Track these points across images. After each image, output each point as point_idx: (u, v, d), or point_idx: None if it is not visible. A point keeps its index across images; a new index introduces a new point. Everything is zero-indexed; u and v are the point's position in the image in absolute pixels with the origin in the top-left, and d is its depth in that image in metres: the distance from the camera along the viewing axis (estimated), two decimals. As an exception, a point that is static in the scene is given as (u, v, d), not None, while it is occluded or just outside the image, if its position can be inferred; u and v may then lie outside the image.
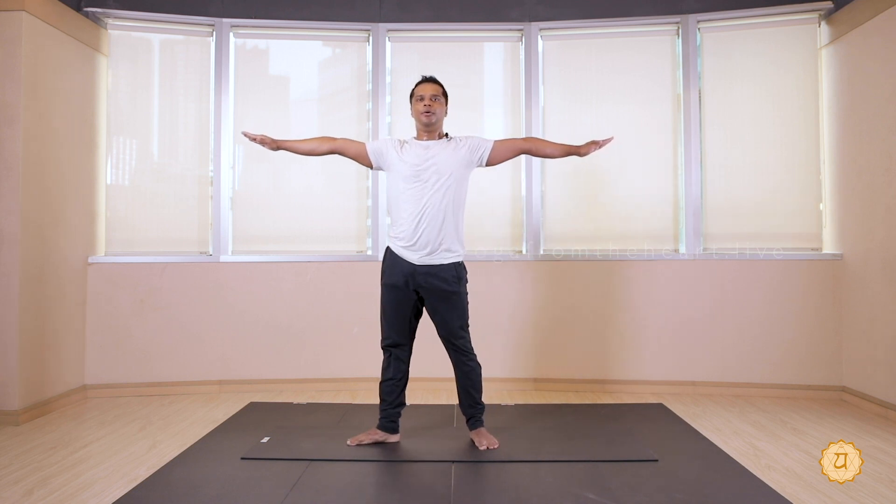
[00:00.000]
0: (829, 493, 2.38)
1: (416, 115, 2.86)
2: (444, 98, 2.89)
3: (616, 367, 4.11)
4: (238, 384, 4.11)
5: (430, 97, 2.82)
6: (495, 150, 2.87)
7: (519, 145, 2.93)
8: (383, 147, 2.88)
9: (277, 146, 2.91)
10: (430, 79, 2.90)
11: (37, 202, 3.50)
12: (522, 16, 4.28)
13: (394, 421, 2.91)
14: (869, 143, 3.61)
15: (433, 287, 2.78)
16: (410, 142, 2.88)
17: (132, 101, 4.18)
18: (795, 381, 3.93)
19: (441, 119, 2.87)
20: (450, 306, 2.81)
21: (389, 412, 2.90)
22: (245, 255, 4.20)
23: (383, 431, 2.91)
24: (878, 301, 3.54)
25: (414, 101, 2.88)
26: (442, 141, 2.86)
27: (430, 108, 2.81)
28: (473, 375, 2.88)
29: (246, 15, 4.25)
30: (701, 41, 4.18)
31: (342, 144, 2.92)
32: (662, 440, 2.97)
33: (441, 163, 2.78)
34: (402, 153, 2.83)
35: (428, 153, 2.80)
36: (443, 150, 2.81)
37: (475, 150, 2.85)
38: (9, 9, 3.36)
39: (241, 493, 2.35)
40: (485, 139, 2.89)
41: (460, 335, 2.85)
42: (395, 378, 2.88)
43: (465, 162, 2.83)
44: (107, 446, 2.97)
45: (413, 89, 2.90)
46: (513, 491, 2.37)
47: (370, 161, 2.90)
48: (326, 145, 2.93)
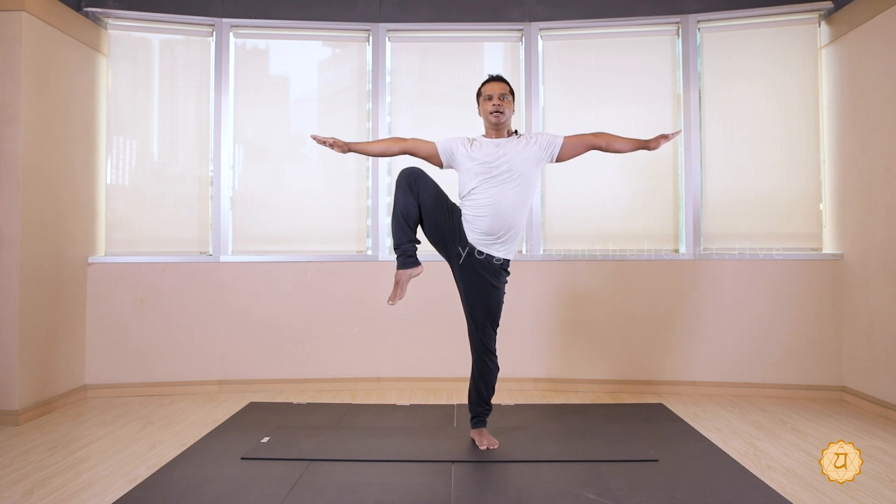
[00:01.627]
0: (829, 493, 2.38)
1: (485, 115, 2.86)
2: (512, 96, 2.88)
3: (616, 367, 4.11)
4: (238, 384, 4.11)
5: (498, 96, 2.82)
6: (566, 146, 2.87)
7: (589, 141, 2.91)
8: (453, 146, 2.87)
9: (349, 149, 2.88)
10: (497, 77, 2.90)
11: (37, 202, 3.50)
12: (522, 16, 4.28)
13: (412, 255, 2.82)
14: (869, 143, 3.61)
15: (477, 268, 2.78)
16: (480, 140, 2.87)
17: (132, 101, 4.18)
18: (795, 381, 3.93)
19: (510, 118, 2.87)
20: (486, 298, 2.80)
21: (406, 247, 2.80)
22: (245, 255, 4.20)
23: (406, 269, 2.81)
24: (878, 301, 3.54)
25: (482, 101, 2.87)
26: (513, 138, 2.86)
27: (499, 107, 2.81)
28: (489, 375, 2.87)
29: (246, 15, 4.25)
30: (701, 41, 4.18)
31: (413, 145, 2.92)
32: (662, 440, 2.97)
33: (513, 160, 2.77)
34: (471, 151, 2.82)
35: (500, 150, 2.80)
36: (514, 147, 2.81)
37: (546, 147, 2.85)
38: (9, 9, 3.36)
39: (241, 493, 2.35)
40: (555, 135, 2.89)
41: (489, 331, 2.84)
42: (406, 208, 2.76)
43: (535, 159, 2.82)
44: (107, 446, 2.97)
45: (480, 88, 2.90)
46: (513, 491, 2.38)
47: (441, 160, 2.89)
48: (398, 146, 2.92)
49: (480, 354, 2.86)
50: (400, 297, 2.83)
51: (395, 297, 2.82)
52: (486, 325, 2.83)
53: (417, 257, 2.83)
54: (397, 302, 2.83)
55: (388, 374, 4.17)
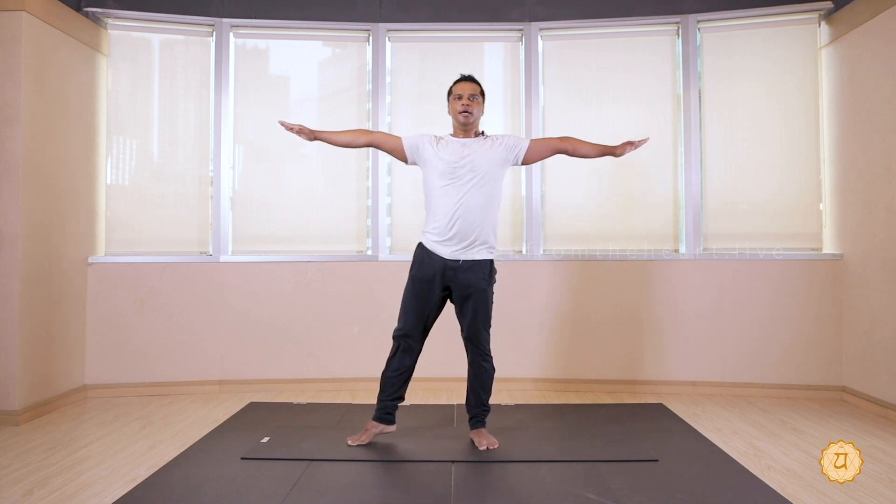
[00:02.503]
0: (829, 493, 2.38)
1: (454, 114, 2.87)
2: (482, 97, 2.89)
3: (616, 367, 4.11)
4: (238, 384, 4.11)
5: (468, 96, 2.83)
6: (531, 149, 2.88)
7: (555, 145, 2.93)
8: (419, 142, 2.88)
9: (315, 136, 2.90)
10: (468, 77, 2.90)
11: (37, 202, 3.50)
12: (522, 16, 4.28)
13: (390, 413, 2.91)
14: (869, 143, 3.61)
15: (464, 282, 2.79)
16: (447, 139, 2.88)
17: (132, 101, 4.18)
18: (795, 381, 3.93)
19: (478, 118, 2.88)
20: (477, 303, 2.82)
21: (387, 404, 2.90)
22: (245, 255, 4.20)
23: (380, 423, 2.90)
24: (878, 301, 3.54)
25: (451, 100, 2.88)
26: (479, 139, 2.87)
27: (468, 107, 2.82)
28: (486, 377, 2.88)
29: (246, 15, 4.25)
30: (701, 41, 4.18)
31: (379, 138, 2.95)
32: (662, 440, 2.97)
33: (477, 160, 2.79)
34: (438, 149, 2.83)
35: (465, 150, 2.81)
36: (479, 147, 2.82)
37: (511, 148, 2.86)
38: (9, 9, 3.36)
39: (241, 493, 2.35)
40: (521, 138, 2.91)
41: (483, 334, 2.85)
42: (400, 371, 2.87)
43: (500, 160, 2.83)
44: (107, 446, 2.97)
45: (451, 87, 2.91)
46: (513, 491, 2.38)
47: (405, 156, 2.90)
48: (363, 138, 2.95)
49: (475, 357, 2.87)
50: (363, 442, 2.88)
51: (358, 439, 2.89)
52: (479, 328, 2.84)
53: (395, 416, 2.92)
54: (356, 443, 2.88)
55: (388, 374, 4.17)
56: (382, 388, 2.90)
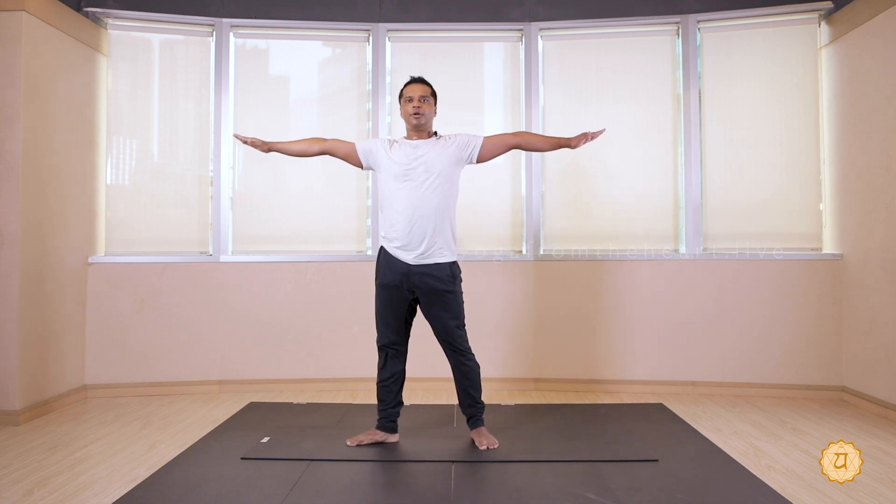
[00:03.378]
0: (829, 493, 2.38)
1: (405, 116, 2.87)
2: (434, 98, 2.89)
3: (616, 367, 4.11)
4: (238, 384, 4.11)
5: (418, 98, 2.83)
6: (485, 146, 2.88)
7: (508, 140, 2.93)
8: (373, 147, 2.89)
9: (269, 148, 2.92)
10: (418, 79, 2.90)
11: (37, 202, 3.50)
12: (522, 16, 4.28)
13: (393, 420, 2.91)
14: (869, 143, 3.61)
15: (428, 286, 2.79)
16: (400, 141, 2.89)
17: (132, 101, 4.18)
18: (795, 381, 3.93)
19: (430, 119, 2.88)
20: (445, 305, 2.81)
21: (388, 412, 2.90)
22: (245, 255, 4.20)
23: (383, 431, 2.91)
24: (878, 301, 3.54)
25: (403, 102, 2.88)
26: (431, 140, 2.86)
27: (419, 108, 2.82)
28: (472, 375, 2.88)
29: (246, 15, 4.25)
30: (701, 41, 4.18)
31: (332, 145, 2.94)
32: (662, 440, 2.97)
33: (430, 161, 2.79)
34: (391, 153, 2.83)
35: (417, 152, 2.81)
36: (431, 148, 2.82)
37: (464, 147, 2.86)
38: (9, 9, 3.36)
39: (241, 493, 2.35)
40: (474, 136, 2.89)
41: (457, 334, 2.84)
42: (392, 378, 2.88)
43: (454, 160, 2.83)
44: (107, 446, 2.97)
45: (402, 90, 2.90)
46: (513, 491, 2.37)
47: (360, 161, 2.91)
48: (317, 146, 2.94)
49: (456, 357, 2.87)
50: (363, 442, 2.88)
51: (357, 440, 2.89)
52: (451, 329, 2.83)
53: (398, 424, 2.93)
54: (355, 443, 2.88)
55: (388, 374, 4.17)
56: (381, 397, 2.90)
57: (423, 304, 2.85)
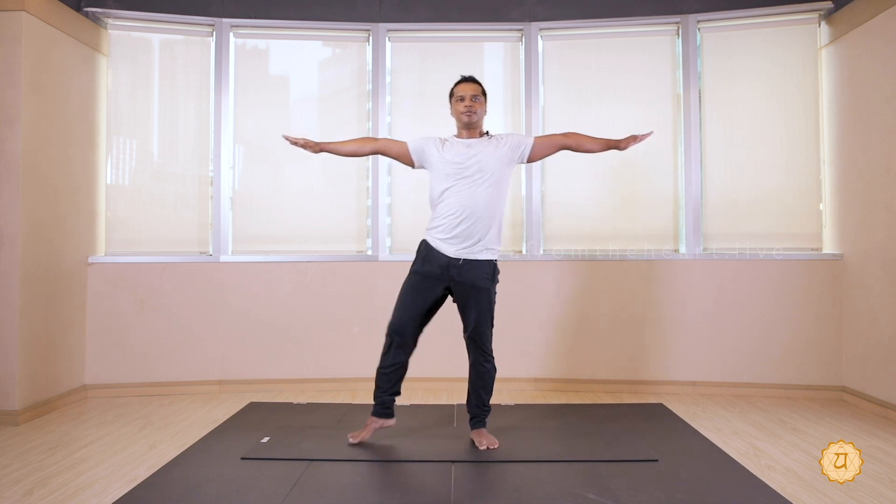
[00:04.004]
0: (829, 493, 2.38)
1: (457, 115, 2.87)
2: (484, 97, 2.90)
3: (616, 367, 4.11)
4: (238, 384, 4.11)
5: (470, 97, 2.84)
6: (536, 146, 2.89)
7: (559, 141, 2.93)
8: (424, 145, 2.89)
9: (320, 149, 2.91)
10: (469, 78, 2.91)
11: (37, 202, 3.50)
12: (522, 16, 4.28)
13: (388, 407, 2.90)
14: (869, 143, 3.61)
15: (467, 281, 2.79)
16: (451, 140, 2.89)
17: (132, 101, 4.18)
18: (795, 381, 3.93)
19: (481, 118, 2.89)
20: (480, 303, 2.81)
21: (384, 398, 2.89)
22: (245, 255, 4.20)
23: (378, 418, 2.90)
24: (878, 301, 3.54)
25: (454, 101, 2.89)
26: (483, 139, 2.87)
27: (470, 107, 2.83)
28: (487, 377, 2.88)
29: (246, 15, 4.25)
30: (701, 41, 4.18)
31: (384, 144, 2.95)
32: (662, 440, 2.97)
33: (483, 160, 2.79)
34: (443, 152, 2.84)
35: (470, 151, 2.82)
36: (485, 147, 2.83)
37: (516, 147, 2.87)
38: (9, 9, 3.36)
39: (241, 493, 2.35)
40: (525, 136, 2.91)
41: (485, 334, 2.85)
42: (394, 367, 2.86)
43: (506, 160, 2.84)
44: (107, 446, 2.97)
45: (452, 88, 2.91)
46: (513, 491, 2.37)
47: (412, 160, 2.91)
48: (369, 146, 2.96)
49: (477, 356, 2.87)
50: (364, 439, 2.88)
51: (359, 436, 2.89)
52: (482, 327, 2.84)
53: (394, 409, 2.91)
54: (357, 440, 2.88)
55: (388, 374, 4.17)
56: (378, 384, 2.89)
57: (457, 298, 2.85)
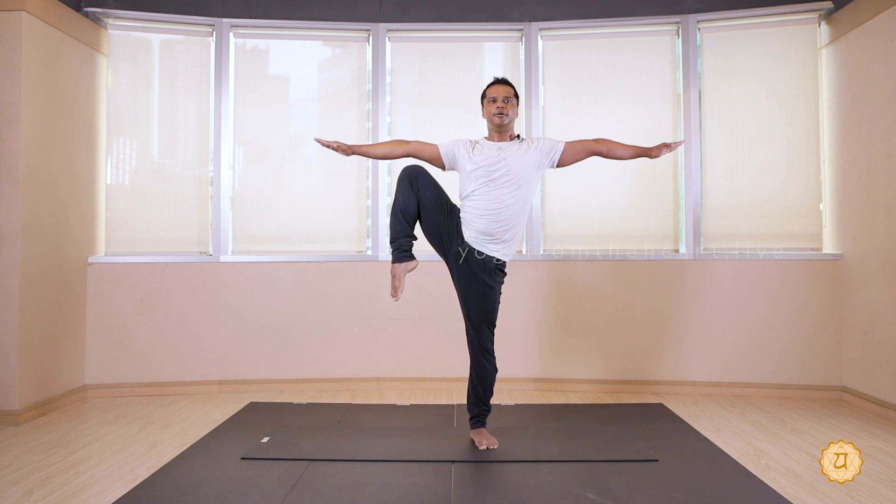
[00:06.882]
0: (829, 493, 2.38)
1: (489, 117, 2.86)
2: (516, 99, 2.88)
3: (616, 367, 4.11)
4: (238, 384, 4.11)
5: (502, 99, 2.83)
6: (566, 152, 2.87)
7: (591, 147, 2.91)
8: (455, 148, 2.87)
9: (352, 151, 2.88)
10: (501, 80, 2.90)
11: (37, 202, 3.50)
12: (522, 16, 4.28)
13: (407, 250, 2.83)
14: (869, 143, 3.61)
15: (474, 264, 2.78)
16: (482, 142, 2.88)
17: (132, 101, 4.18)
18: (795, 381, 3.93)
19: (513, 120, 2.87)
20: (483, 298, 2.81)
21: (401, 242, 2.82)
22: (245, 255, 4.20)
23: (402, 263, 2.83)
24: (878, 301, 3.54)
25: (486, 103, 2.87)
26: (514, 142, 2.86)
27: (503, 109, 2.81)
28: (488, 376, 2.88)
29: (246, 15, 4.25)
30: (701, 41, 4.18)
31: (417, 148, 2.92)
32: (662, 440, 2.97)
33: (512, 164, 2.78)
34: (473, 154, 2.82)
35: (500, 154, 2.80)
36: (515, 151, 2.81)
37: (547, 152, 2.85)
38: (9, 9, 3.36)
39: (241, 493, 2.35)
40: (557, 141, 2.88)
41: (485, 331, 2.85)
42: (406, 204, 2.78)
43: (536, 164, 2.83)
44: (107, 446, 2.97)
45: (485, 90, 2.90)
46: (513, 491, 2.38)
47: (443, 163, 2.90)
48: (401, 149, 2.93)
49: (478, 355, 2.86)
50: (401, 290, 2.83)
51: (396, 291, 2.84)
52: (483, 326, 2.84)
53: (413, 252, 2.85)
54: (400, 295, 2.84)
55: (388, 374, 4.17)
56: (392, 226, 2.82)
57: (458, 280, 2.83)
